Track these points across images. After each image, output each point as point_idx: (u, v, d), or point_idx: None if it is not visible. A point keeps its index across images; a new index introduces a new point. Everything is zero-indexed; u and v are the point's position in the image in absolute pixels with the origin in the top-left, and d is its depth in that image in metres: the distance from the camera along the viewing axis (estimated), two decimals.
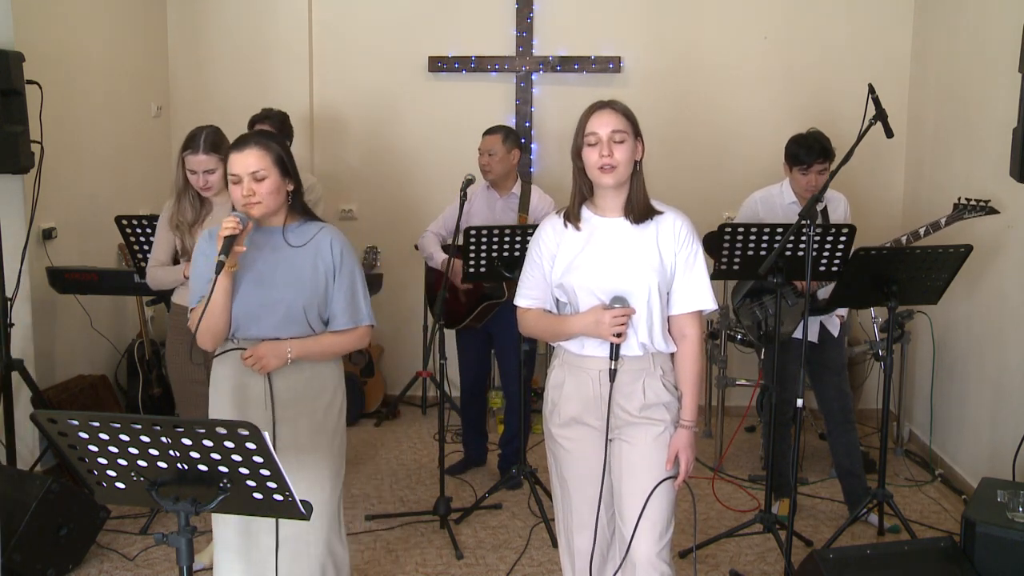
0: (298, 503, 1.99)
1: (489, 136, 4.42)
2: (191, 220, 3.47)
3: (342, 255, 2.75)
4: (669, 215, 2.59)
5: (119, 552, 3.81)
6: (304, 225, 2.78)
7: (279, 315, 2.68)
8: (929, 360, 4.87)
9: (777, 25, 5.47)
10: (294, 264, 2.71)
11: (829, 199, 4.06)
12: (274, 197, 2.68)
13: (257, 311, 2.68)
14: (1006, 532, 2.94)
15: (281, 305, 2.68)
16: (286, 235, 2.74)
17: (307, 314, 2.70)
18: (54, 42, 4.51)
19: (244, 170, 2.64)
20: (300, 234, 2.75)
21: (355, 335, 2.80)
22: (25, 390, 4.11)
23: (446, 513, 4.04)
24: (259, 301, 2.68)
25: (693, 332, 2.61)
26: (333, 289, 2.74)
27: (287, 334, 2.70)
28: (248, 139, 2.70)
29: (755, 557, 3.83)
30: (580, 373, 2.60)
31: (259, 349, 2.67)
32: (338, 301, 2.74)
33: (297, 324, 2.70)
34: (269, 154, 2.66)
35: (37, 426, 3.26)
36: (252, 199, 2.64)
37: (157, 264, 3.57)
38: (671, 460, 2.57)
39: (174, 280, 3.53)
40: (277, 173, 2.67)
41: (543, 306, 2.67)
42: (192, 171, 3.41)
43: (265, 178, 2.64)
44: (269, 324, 2.69)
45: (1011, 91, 3.62)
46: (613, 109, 2.54)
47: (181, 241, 3.50)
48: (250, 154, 2.64)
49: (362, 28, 5.65)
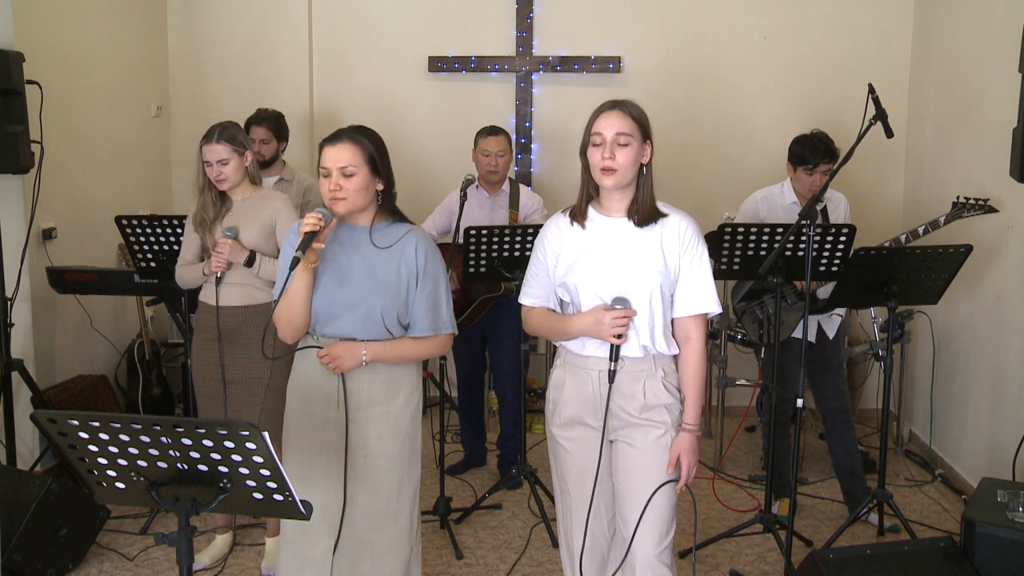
0: (298, 503, 1.98)
1: (496, 137, 4.43)
2: (212, 217, 3.49)
3: (427, 260, 2.69)
4: (674, 217, 2.57)
5: (119, 552, 3.81)
6: (392, 226, 2.73)
7: (358, 316, 2.64)
8: (929, 360, 4.87)
9: (777, 25, 5.47)
10: (377, 266, 2.66)
11: (829, 199, 4.06)
12: (361, 195, 2.63)
13: (336, 309, 2.64)
14: (1006, 532, 2.94)
15: (361, 306, 2.64)
16: (372, 235, 2.69)
17: (385, 318, 2.64)
18: (54, 42, 4.51)
19: (334, 164, 2.60)
20: (387, 235, 2.70)
21: (435, 342, 2.74)
22: (25, 390, 4.11)
23: (446, 513, 4.04)
24: (339, 300, 2.64)
25: (697, 335, 2.59)
26: (415, 294, 2.68)
27: (365, 335, 2.65)
28: (342, 133, 2.66)
29: (755, 557, 3.83)
30: (581, 373, 2.60)
31: (334, 349, 2.63)
32: (419, 307, 2.69)
33: (375, 327, 2.65)
34: (361, 150, 2.62)
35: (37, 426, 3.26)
36: (338, 194, 2.59)
37: (184, 263, 3.59)
38: (672, 464, 2.55)
39: (196, 278, 3.54)
40: (367, 171, 2.63)
41: (547, 305, 2.66)
42: (207, 162, 3.43)
43: (354, 174, 2.60)
44: (347, 324, 2.64)
45: (1011, 91, 3.62)
46: (622, 111, 2.51)
47: (203, 239, 3.51)
48: (343, 148, 2.61)
49: (362, 28, 5.65)
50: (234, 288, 3.43)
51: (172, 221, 3.93)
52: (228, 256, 3.37)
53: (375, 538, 2.73)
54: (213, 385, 3.48)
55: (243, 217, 3.46)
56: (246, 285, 3.43)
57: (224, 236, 3.39)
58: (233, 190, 3.49)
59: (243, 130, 3.60)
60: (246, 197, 3.50)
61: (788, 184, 4.09)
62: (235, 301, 3.43)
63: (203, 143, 3.43)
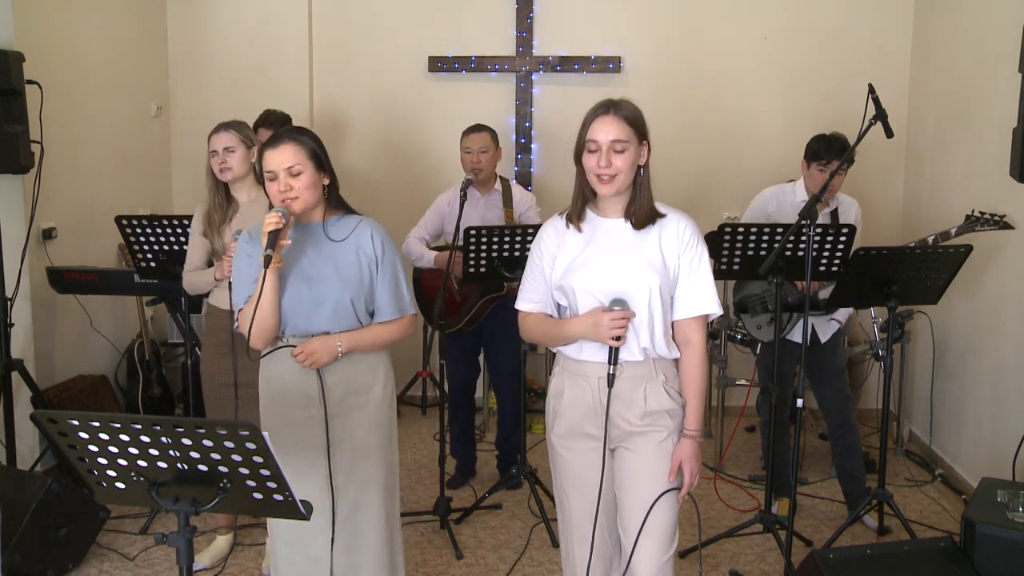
0: (298, 503, 1.98)
1: (478, 134, 4.40)
2: (220, 220, 3.49)
3: (383, 246, 2.76)
4: (673, 217, 2.52)
5: (119, 552, 3.81)
6: (343, 219, 2.78)
7: (328, 310, 2.69)
8: (929, 360, 4.87)
9: (777, 25, 5.47)
10: (338, 258, 2.72)
11: (840, 202, 4.06)
12: (312, 191, 2.68)
13: (307, 307, 2.68)
14: (1006, 532, 2.94)
15: (329, 300, 2.69)
16: (327, 230, 2.74)
17: (355, 307, 2.71)
18: (54, 42, 4.51)
19: (279, 166, 2.63)
20: (340, 228, 2.76)
21: (401, 324, 2.83)
22: (25, 390, 4.11)
23: (446, 513, 4.04)
24: (308, 297, 2.68)
25: (698, 337, 2.52)
26: (377, 280, 2.76)
27: (338, 328, 2.71)
28: (281, 135, 2.69)
29: (755, 557, 3.83)
30: (579, 380, 2.54)
31: (310, 344, 2.68)
32: (383, 292, 2.76)
33: (347, 318, 2.71)
34: (303, 148, 2.66)
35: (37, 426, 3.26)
36: (290, 194, 2.63)
37: (191, 268, 3.59)
38: (675, 471, 2.50)
39: (206, 283, 3.54)
40: (312, 167, 2.67)
41: (544, 310, 2.61)
42: (214, 151, 3.44)
43: (301, 172, 2.64)
44: (320, 320, 2.69)
45: (1011, 91, 3.62)
46: (616, 115, 2.43)
47: (211, 243, 3.51)
48: (284, 150, 2.64)
49: (362, 28, 5.65)
50: None
51: (172, 221, 3.92)
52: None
53: (366, 527, 2.79)
54: (224, 390, 3.48)
55: (250, 219, 3.44)
56: None
57: (235, 239, 3.38)
58: (239, 191, 3.49)
59: (248, 125, 3.60)
60: (252, 199, 3.50)
61: (800, 183, 4.09)
62: None
63: (211, 135, 3.45)
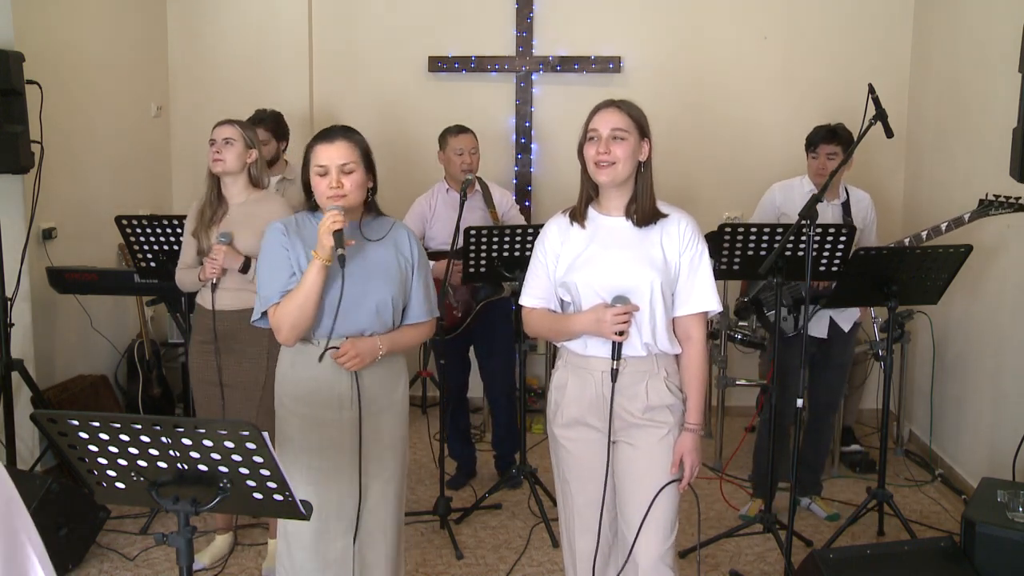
0: (298, 503, 1.99)
1: (467, 135, 4.39)
2: (208, 219, 3.49)
3: (419, 250, 2.79)
4: (674, 216, 2.57)
5: (119, 552, 3.81)
6: (377, 220, 2.77)
7: (370, 308, 2.66)
8: (929, 360, 4.87)
9: (777, 25, 5.47)
10: (377, 258, 2.70)
11: (851, 193, 4.09)
12: (359, 192, 2.65)
13: (347, 305, 2.63)
14: (1006, 532, 2.94)
15: (372, 299, 2.66)
16: (363, 230, 2.72)
17: (394, 306, 2.70)
18: (54, 42, 4.51)
19: (332, 161, 2.60)
20: (376, 228, 2.74)
21: (430, 326, 2.85)
22: (25, 390, 4.11)
23: (446, 513, 4.03)
24: (348, 295, 2.62)
25: (698, 334, 2.58)
26: (412, 282, 2.76)
27: (377, 326, 2.69)
28: (335, 131, 2.66)
29: (755, 557, 3.83)
30: (583, 374, 2.59)
31: (357, 346, 2.64)
32: (417, 294, 2.77)
33: (388, 317, 2.70)
34: (357, 147, 2.64)
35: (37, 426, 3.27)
36: (339, 191, 2.60)
37: (184, 267, 3.60)
38: (676, 464, 2.55)
39: (194, 283, 3.54)
40: (363, 168, 2.65)
41: (548, 306, 2.65)
42: (212, 141, 3.44)
43: (353, 171, 2.62)
44: (361, 318, 2.66)
45: (1011, 91, 3.62)
46: (618, 108, 2.52)
47: (199, 241, 3.51)
48: (340, 146, 2.61)
49: (362, 28, 5.65)
50: (229, 293, 3.43)
51: (172, 221, 3.93)
52: (222, 262, 3.37)
53: (382, 526, 2.79)
54: (210, 388, 3.48)
55: (239, 222, 3.45)
56: (241, 290, 3.42)
57: (219, 242, 3.38)
58: (231, 190, 3.49)
59: (256, 133, 3.60)
60: (243, 201, 3.49)
61: (807, 177, 4.13)
62: (231, 305, 3.42)
63: (215, 126, 3.46)
